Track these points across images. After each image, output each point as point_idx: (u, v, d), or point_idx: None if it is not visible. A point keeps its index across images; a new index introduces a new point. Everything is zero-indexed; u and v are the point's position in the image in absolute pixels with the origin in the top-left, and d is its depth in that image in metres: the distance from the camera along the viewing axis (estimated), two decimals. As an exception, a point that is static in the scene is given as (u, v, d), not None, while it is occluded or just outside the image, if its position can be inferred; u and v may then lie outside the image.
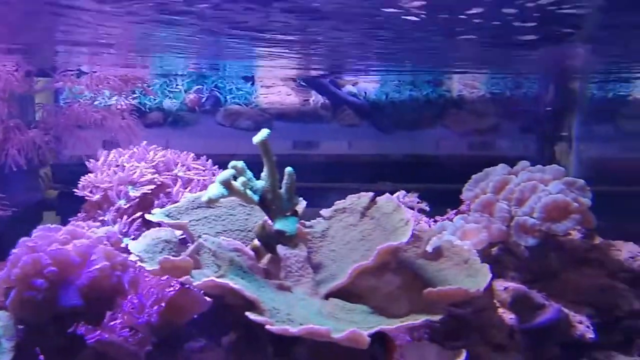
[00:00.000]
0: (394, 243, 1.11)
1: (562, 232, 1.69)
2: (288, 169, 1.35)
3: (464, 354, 1.08)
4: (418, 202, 2.26)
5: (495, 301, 1.79)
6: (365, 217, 1.26)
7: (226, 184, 1.21)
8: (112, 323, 1.26)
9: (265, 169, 1.35)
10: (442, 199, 2.14)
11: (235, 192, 1.25)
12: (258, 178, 1.36)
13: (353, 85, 4.38)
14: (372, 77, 4.37)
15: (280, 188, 1.39)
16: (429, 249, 1.32)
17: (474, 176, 2.03)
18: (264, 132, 1.28)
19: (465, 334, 1.70)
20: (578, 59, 3.07)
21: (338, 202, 1.36)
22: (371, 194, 1.37)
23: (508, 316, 1.73)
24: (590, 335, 1.64)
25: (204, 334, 1.31)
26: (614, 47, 2.43)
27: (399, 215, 1.20)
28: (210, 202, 1.20)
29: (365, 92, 4.34)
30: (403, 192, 2.30)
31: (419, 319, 1.07)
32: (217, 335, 1.27)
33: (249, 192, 1.28)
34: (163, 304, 1.29)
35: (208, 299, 1.32)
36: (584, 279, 1.80)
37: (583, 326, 1.67)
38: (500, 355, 1.60)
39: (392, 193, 2.09)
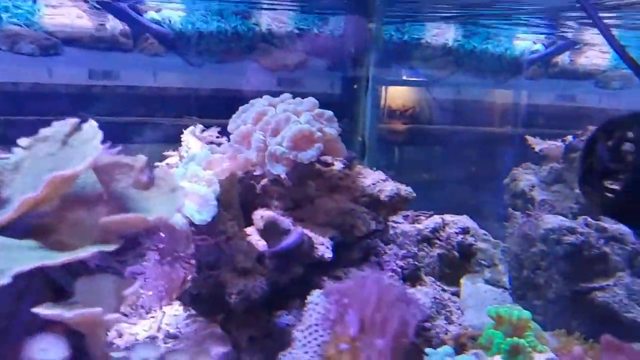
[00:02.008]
0: (66, 172, 1.05)
1: (307, 160, 1.77)
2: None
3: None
4: (217, 137, 2.22)
5: (251, 229, 1.87)
6: (65, 145, 1.19)
7: None
8: None
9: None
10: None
11: None
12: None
13: (156, 12, 4.12)
14: (177, 5, 4.15)
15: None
16: (143, 178, 1.29)
17: (240, 107, 2.04)
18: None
19: (218, 262, 1.76)
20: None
21: (43, 129, 1.26)
22: (76, 120, 1.28)
23: (259, 242, 1.81)
24: (328, 255, 1.78)
25: None
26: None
27: (95, 142, 1.15)
28: None
29: (170, 20, 4.11)
30: (201, 126, 2.23)
31: (90, 251, 1.05)
32: None
33: None
34: None
35: None
36: (332, 204, 1.92)
37: (324, 247, 1.80)
38: (244, 279, 1.67)
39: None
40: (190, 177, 1.56)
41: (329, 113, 1.89)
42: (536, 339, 1.36)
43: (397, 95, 4.55)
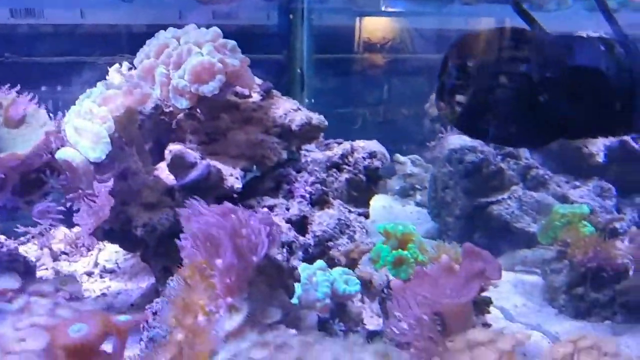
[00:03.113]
0: None
1: (209, 93, 1.78)
2: None
3: None
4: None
5: (162, 164, 1.89)
6: None
7: None
8: None
9: None
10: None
11: None
12: None
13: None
14: None
15: None
16: (12, 116, 1.30)
17: (147, 40, 2.01)
18: None
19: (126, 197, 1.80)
20: None
21: None
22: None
23: (169, 177, 1.85)
24: (237, 185, 1.83)
25: None
26: None
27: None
28: None
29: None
30: (127, 63, 2.18)
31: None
32: None
33: None
34: None
35: None
36: (243, 136, 1.95)
37: (233, 178, 1.85)
38: (151, 213, 1.72)
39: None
40: (84, 114, 1.56)
41: (232, 43, 1.88)
42: (419, 251, 1.47)
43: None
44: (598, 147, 2.10)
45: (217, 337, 0.83)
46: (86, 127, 1.52)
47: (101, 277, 2.33)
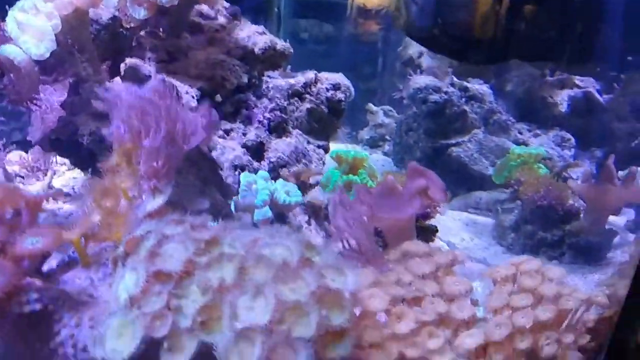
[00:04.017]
0: None
1: (168, 3, 1.69)
2: None
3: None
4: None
5: (117, 78, 1.81)
6: None
7: None
8: None
9: None
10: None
11: None
12: None
13: None
14: None
15: None
16: None
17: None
18: None
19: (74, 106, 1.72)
20: None
21: None
22: None
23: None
24: (193, 104, 1.76)
25: None
26: None
27: None
28: None
29: None
30: None
31: None
32: None
33: None
34: None
35: None
36: (204, 56, 1.88)
37: (188, 96, 1.78)
38: (98, 122, 1.65)
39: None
40: (29, 8, 1.47)
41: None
42: (369, 177, 1.44)
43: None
44: (562, 97, 2.09)
45: (137, 218, 0.79)
46: (30, 22, 1.42)
47: (55, 199, 2.26)
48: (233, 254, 0.68)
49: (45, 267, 0.78)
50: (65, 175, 2.33)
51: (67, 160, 1.99)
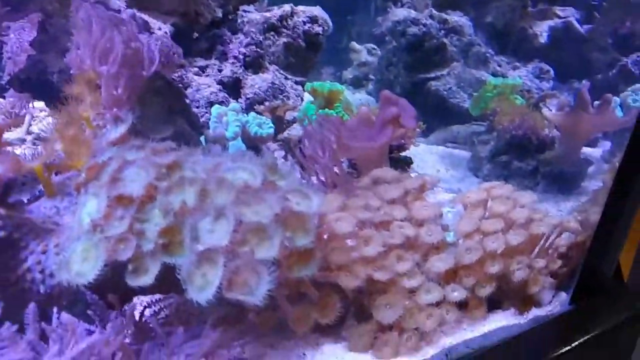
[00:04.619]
0: None
1: None
2: None
3: None
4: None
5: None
6: None
7: None
8: None
9: None
10: None
11: None
12: None
13: None
14: None
15: None
16: None
17: None
18: None
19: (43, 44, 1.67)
20: None
21: None
22: None
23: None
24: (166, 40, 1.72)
25: None
26: None
27: None
28: None
29: None
30: None
31: None
32: None
33: None
34: None
35: None
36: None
37: (161, 32, 1.73)
38: (69, 59, 1.62)
39: None
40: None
41: None
42: (345, 110, 1.43)
43: None
44: (542, 28, 2.05)
45: (100, 146, 0.78)
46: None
47: (34, 144, 2.23)
48: (194, 177, 0.68)
49: (11, 199, 0.78)
50: (45, 121, 2.30)
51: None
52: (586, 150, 1.81)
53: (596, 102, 1.50)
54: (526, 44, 2.09)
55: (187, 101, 1.05)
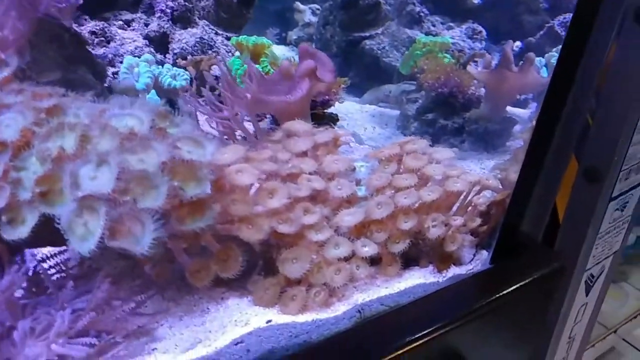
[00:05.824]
0: None
1: None
2: None
3: None
4: None
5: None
6: None
7: None
8: None
9: None
10: None
11: None
12: None
13: None
14: None
15: None
16: None
17: None
18: None
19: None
20: None
21: None
22: None
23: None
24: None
25: None
26: None
27: None
28: None
29: None
30: None
31: None
32: None
33: None
34: None
35: None
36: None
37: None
38: None
39: None
40: None
41: None
42: (271, 65, 1.40)
43: None
44: (476, -13, 2.05)
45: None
46: None
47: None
48: (75, 122, 0.65)
49: None
50: None
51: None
52: (516, 110, 1.84)
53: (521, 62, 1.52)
54: (461, 4, 2.09)
55: (90, 50, 0.99)
